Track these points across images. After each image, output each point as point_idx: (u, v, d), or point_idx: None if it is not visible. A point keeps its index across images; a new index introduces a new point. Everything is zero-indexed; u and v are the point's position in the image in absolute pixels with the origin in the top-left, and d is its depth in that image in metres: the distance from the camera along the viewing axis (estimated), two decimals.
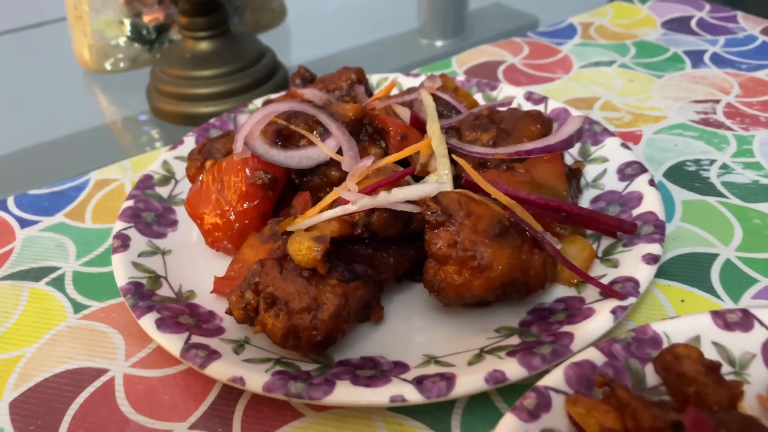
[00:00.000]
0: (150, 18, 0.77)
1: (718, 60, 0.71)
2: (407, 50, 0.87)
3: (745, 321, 0.35)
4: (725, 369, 0.34)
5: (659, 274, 0.44)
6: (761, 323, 0.35)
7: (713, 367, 0.32)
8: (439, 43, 0.89)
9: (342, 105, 0.49)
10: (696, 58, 0.72)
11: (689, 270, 0.44)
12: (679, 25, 0.80)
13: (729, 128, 0.59)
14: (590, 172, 0.51)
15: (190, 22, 0.68)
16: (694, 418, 0.26)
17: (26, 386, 0.39)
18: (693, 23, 0.80)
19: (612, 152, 0.51)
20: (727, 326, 0.35)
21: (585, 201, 0.49)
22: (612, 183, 0.49)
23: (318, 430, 0.36)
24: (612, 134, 0.52)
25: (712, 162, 0.54)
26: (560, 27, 0.81)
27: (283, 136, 0.48)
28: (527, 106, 0.59)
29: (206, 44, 0.69)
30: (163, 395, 0.38)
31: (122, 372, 0.40)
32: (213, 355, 0.37)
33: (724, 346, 0.35)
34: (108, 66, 0.78)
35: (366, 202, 0.40)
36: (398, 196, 0.40)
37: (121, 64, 0.78)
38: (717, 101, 0.63)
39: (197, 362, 0.36)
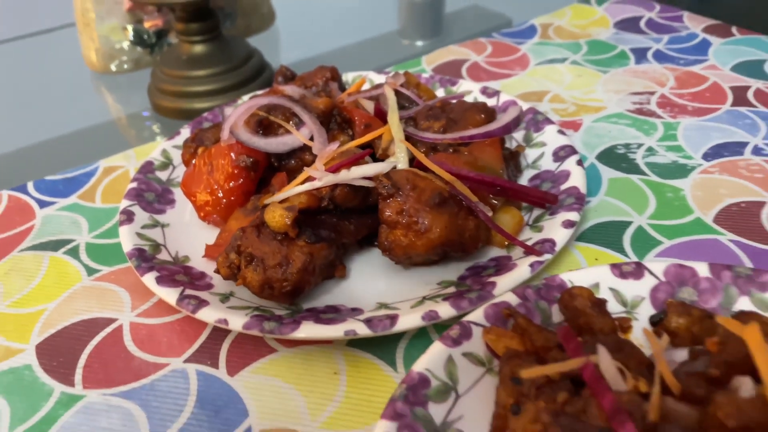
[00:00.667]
0: (150, 24, 0.84)
1: (660, 56, 0.78)
2: (389, 50, 0.92)
3: (638, 271, 0.43)
4: (618, 309, 0.42)
5: (580, 239, 0.51)
6: (651, 273, 0.43)
7: (598, 303, 0.40)
8: (419, 44, 0.95)
9: (315, 99, 0.57)
10: (640, 54, 0.79)
11: (605, 235, 0.51)
12: (629, 24, 0.87)
13: (659, 116, 0.66)
14: (531, 155, 0.59)
15: (185, 28, 0.75)
16: (563, 331, 0.34)
17: (49, 333, 0.47)
18: (642, 23, 0.87)
19: (550, 138, 0.59)
20: (623, 275, 0.43)
21: (524, 179, 0.57)
22: (548, 164, 0.57)
23: (288, 361, 0.43)
24: (551, 122, 0.60)
25: (640, 146, 0.62)
26: (522, 28, 0.88)
27: (264, 125, 0.55)
28: (483, 99, 0.66)
29: (200, 47, 0.76)
30: (162, 337, 0.46)
31: (129, 321, 0.48)
32: (203, 303, 0.44)
33: (618, 290, 0.42)
34: (113, 67, 0.86)
35: (330, 178, 0.47)
36: (356, 173, 0.48)
37: (125, 66, 0.86)
38: (652, 93, 0.70)
39: (189, 309, 0.44)
